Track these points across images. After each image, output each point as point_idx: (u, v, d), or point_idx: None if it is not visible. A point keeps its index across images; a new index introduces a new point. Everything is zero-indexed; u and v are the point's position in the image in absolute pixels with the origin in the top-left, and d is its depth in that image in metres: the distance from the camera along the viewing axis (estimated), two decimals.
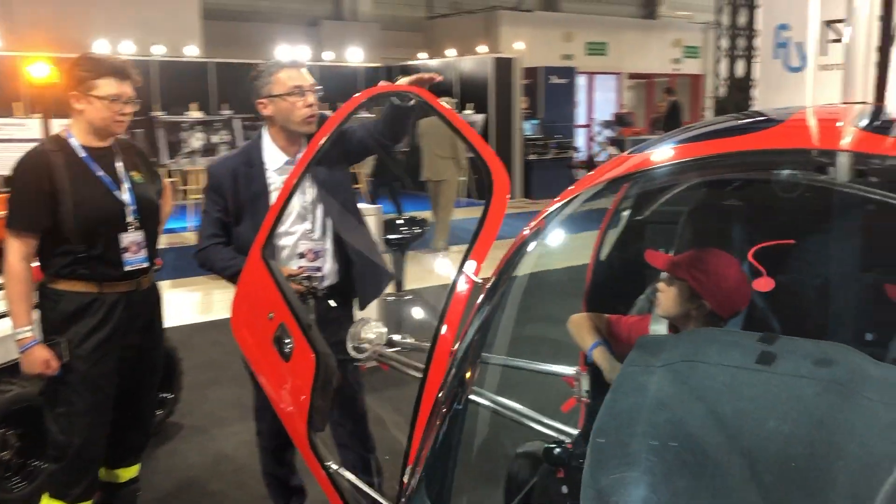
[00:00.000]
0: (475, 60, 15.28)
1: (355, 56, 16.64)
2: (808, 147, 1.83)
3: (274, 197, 2.97)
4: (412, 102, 2.76)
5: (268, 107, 2.97)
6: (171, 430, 4.66)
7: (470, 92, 15.02)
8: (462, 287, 2.10)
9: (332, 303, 3.03)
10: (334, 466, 2.18)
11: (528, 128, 14.69)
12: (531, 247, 2.06)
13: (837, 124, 1.99)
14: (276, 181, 3.00)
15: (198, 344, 6.32)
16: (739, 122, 2.24)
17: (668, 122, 16.97)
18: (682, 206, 2.74)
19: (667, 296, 2.31)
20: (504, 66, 14.55)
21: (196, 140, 11.92)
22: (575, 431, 3.02)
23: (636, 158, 2.02)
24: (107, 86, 3.00)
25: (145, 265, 3.18)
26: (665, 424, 1.41)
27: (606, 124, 17.40)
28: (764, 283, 1.63)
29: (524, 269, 2.11)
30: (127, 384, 3.21)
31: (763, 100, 9.89)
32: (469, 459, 2.22)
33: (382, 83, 2.68)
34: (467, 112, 14.64)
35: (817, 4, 8.98)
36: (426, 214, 10.53)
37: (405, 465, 1.99)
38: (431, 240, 9.73)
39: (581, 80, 19.61)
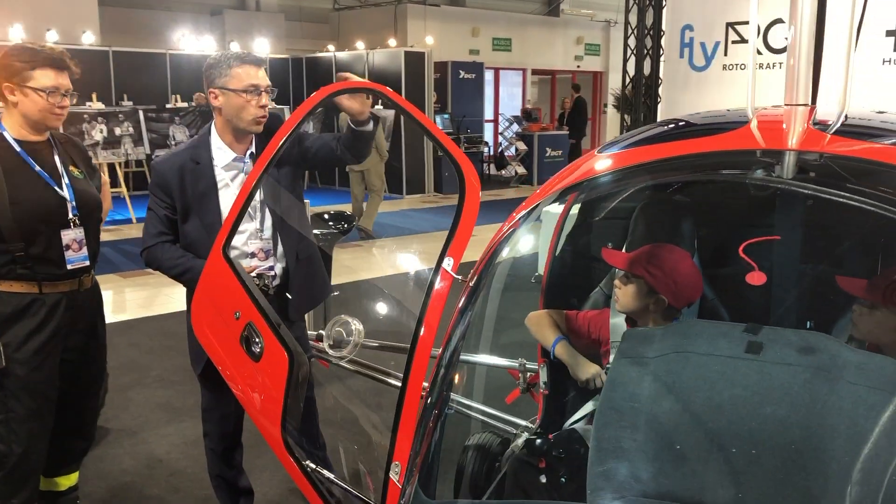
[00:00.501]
0: (386, 54, 15.24)
1: (261, 47, 16.31)
2: (786, 149, 1.95)
3: (223, 194, 2.93)
4: (370, 127, 2.82)
5: (219, 98, 2.87)
6: (99, 434, 4.46)
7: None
8: (440, 284, 2.12)
9: (288, 295, 3.00)
10: (312, 465, 2.17)
11: (438, 122, 14.77)
12: (512, 245, 2.10)
13: (802, 126, 2.11)
14: (224, 178, 2.94)
15: (116, 345, 6.09)
16: (711, 120, 2.34)
17: (573, 118, 17.42)
18: (631, 202, 2.84)
19: (625, 292, 2.41)
20: (415, 60, 14.57)
21: (98, 132, 11.43)
22: (522, 422, 3.11)
23: (617, 157, 2.09)
24: (44, 77, 2.88)
25: (87, 263, 3.06)
26: (668, 413, 1.49)
27: (514, 119, 17.66)
28: (756, 277, 1.73)
29: (503, 267, 2.15)
30: (69, 388, 3.09)
31: (668, 98, 10.27)
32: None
33: (346, 75, 2.64)
34: (378, 107, 14.58)
35: (721, 6, 9.41)
36: (345, 207, 10.58)
37: (389, 464, 2.01)
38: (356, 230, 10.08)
39: (488, 76, 19.83)
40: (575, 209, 2.98)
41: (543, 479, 2.10)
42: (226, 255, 2.51)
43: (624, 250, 2.71)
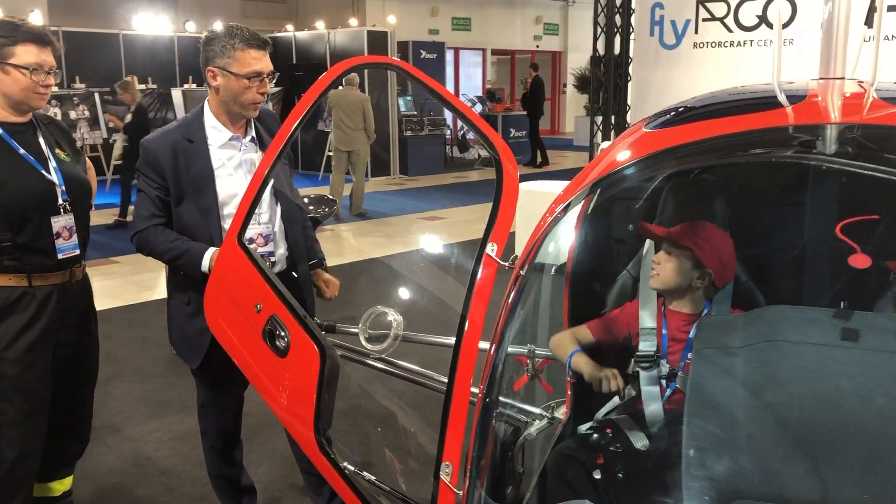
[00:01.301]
0: (347, 34, 14.94)
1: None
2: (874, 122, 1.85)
3: (219, 175, 2.76)
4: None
5: (217, 78, 2.70)
6: None
7: None
8: (484, 271, 1.99)
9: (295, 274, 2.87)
10: (351, 468, 2.03)
11: (402, 104, 14.56)
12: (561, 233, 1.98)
13: (868, 98, 2.02)
14: (220, 158, 2.77)
15: None
16: (761, 96, 2.24)
17: (531, 97, 17.32)
18: (655, 182, 2.74)
19: (666, 268, 2.31)
20: (378, 40, 14.31)
21: (52, 115, 11.00)
22: (535, 409, 2.99)
23: (673, 133, 1.97)
24: (26, 54, 2.67)
25: (78, 252, 2.86)
26: (770, 407, 1.39)
27: (477, 100, 17.52)
28: (861, 260, 1.64)
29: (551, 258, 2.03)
30: (62, 387, 2.89)
31: (638, 76, 10.22)
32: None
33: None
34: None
35: None
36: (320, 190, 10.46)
37: (438, 465, 1.89)
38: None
39: (448, 56, 19.64)
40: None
41: (598, 476, 2.00)
42: (241, 243, 2.36)
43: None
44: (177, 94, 12.09)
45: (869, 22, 2.79)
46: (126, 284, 7.28)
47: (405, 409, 3.74)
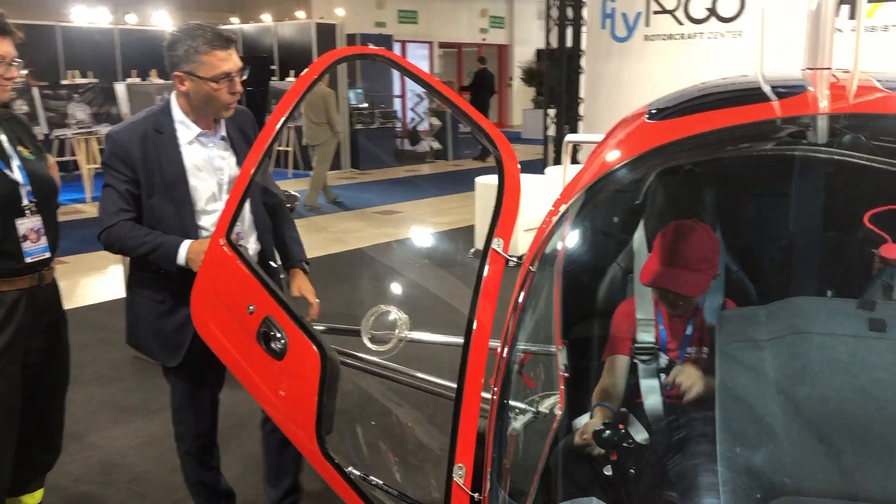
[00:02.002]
0: (295, 26, 14.71)
1: (161, 20, 15.46)
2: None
3: (189, 170, 2.69)
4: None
5: (185, 83, 2.60)
6: None
7: (290, 59, 14.47)
8: (491, 267, 1.94)
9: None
10: (357, 472, 1.97)
11: (352, 97, 14.40)
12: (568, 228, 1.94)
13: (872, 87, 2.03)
14: (188, 153, 2.70)
15: None
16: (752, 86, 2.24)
17: (477, 90, 17.30)
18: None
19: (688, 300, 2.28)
20: (326, 33, 14.14)
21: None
22: (517, 404, 2.95)
23: (684, 123, 1.95)
24: None
25: (47, 255, 2.73)
26: (806, 400, 1.37)
27: (427, 94, 17.42)
28: (892, 250, 1.64)
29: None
30: (33, 396, 2.75)
31: (591, 69, 10.29)
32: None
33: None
34: (290, 80, 14.10)
35: None
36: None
37: (450, 467, 1.84)
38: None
39: (395, 49, 19.50)
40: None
41: (608, 472, 1.97)
42: (231, 243, 2.27)
43: (642, 225, 2.58)
44: (120, 88, 11.72)
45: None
46: (74, 286, 7.04)
47: (408, 408, 3.68)
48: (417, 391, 2.78)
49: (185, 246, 2.59)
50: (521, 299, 1.86)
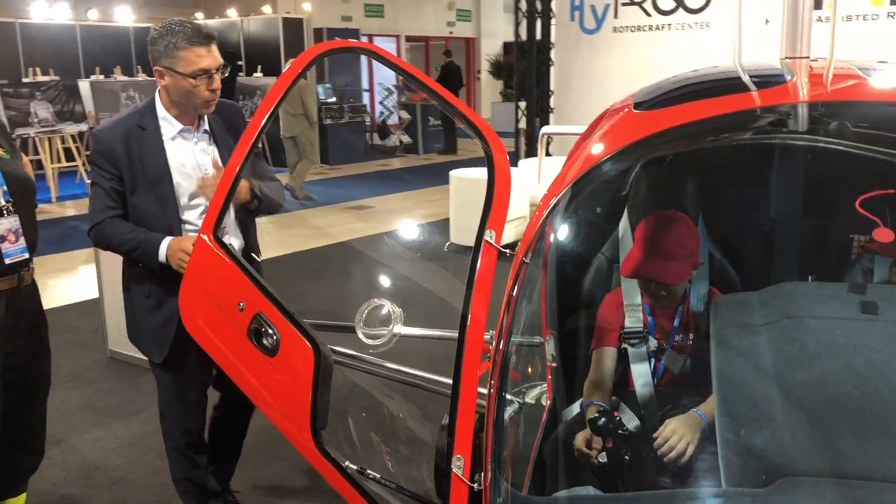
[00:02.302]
0: (262, 21, 14.58)
1: (124, 16, 15.22)
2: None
3: (172, 166, 2.71)
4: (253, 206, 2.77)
5: (165, 77, 2.65)
6: None
7: (257, 54, 14.34)
8: (484, 259, 1.95)
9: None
10: (353, 466, 1.97)
11: (321, 92, 14.31)
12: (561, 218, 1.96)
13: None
14: (172, 148, 2.72)
15: None
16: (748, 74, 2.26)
17: (445, 83, 17.30)
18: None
19: (672, 290, 2.31)
20: (293, 28, 14.05)
21: None
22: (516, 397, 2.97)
23: (673, 114, 1.96)
24: None
25: (26, 256, 2.69)
26: (804, 383, 1.40)
27: (396, 88, 17.40)
28: (884, 234, 1.67)
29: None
30: (14, 398, 2.71)
31: (560, 61, 10.33)
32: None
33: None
34: (257, 75, 13.99)
35: None
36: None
37: (449, 458, 1.86)
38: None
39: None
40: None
41: (603, 459, 1.99)
42: (218, 239, 2.25)
43: (625, 215, 2.59)
44: (84, 86, 11.54)
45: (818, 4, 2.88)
46: (43, 287, 6.85)
47: (398, 400, 3.68)
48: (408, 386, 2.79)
49: (165, 243, 2.62)
50: (515, 291, 1.87)
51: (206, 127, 2.79)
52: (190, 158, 2.75)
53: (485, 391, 3.06)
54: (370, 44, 2.44)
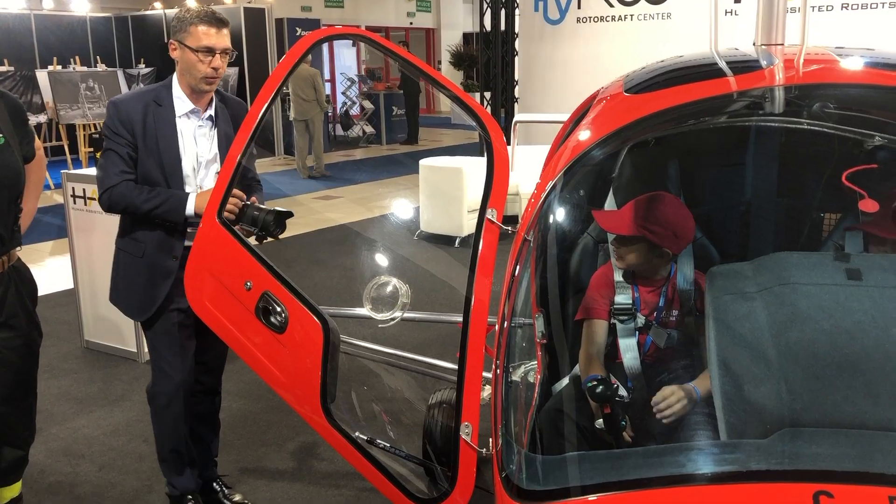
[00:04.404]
0: (223, 11, 14.35)
1: (80, 6, 14.93)
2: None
3: (182, 141, 2.90)
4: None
5: (177, 50, 2.87)
6: None
7: None
8: (487, 236, 2.04)
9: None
10: (364, 437, 2.05)
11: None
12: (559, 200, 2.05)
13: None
14: (182, 126, 2.92)
15: None
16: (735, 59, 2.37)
17: (405, 73, 17.35)
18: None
19: (627, 255, 2.41)
20: (255, 17, 13.92)
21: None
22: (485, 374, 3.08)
23: (661, 97, 2.07)
24: None
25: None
26: (798, 342, 1.51)
27: (358, 78, 17.37)
28: (870, 205, 1.78)
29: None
30: (8, 385, 2.72)
31: (524, 51, 10.46)
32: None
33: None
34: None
35: None
36: None
37: (457, 426, 1.94)
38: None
39: None
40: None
41: (600, 424, 2.09)
42: (223, 221, 2.31)
43: (610, 195, 2.71)
44: (42, 76, 11.33)
45: None
46: None
47: (397, 378, 3.76)
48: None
49: (193, 196, 2.80)
50: (517, 270, 1.96)
51: (212, 113, 2.97)
52: (190, 137, 2.93)
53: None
54: (368, 31, 2.51)
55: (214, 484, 3.36)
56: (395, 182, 11.60)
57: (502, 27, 10.66)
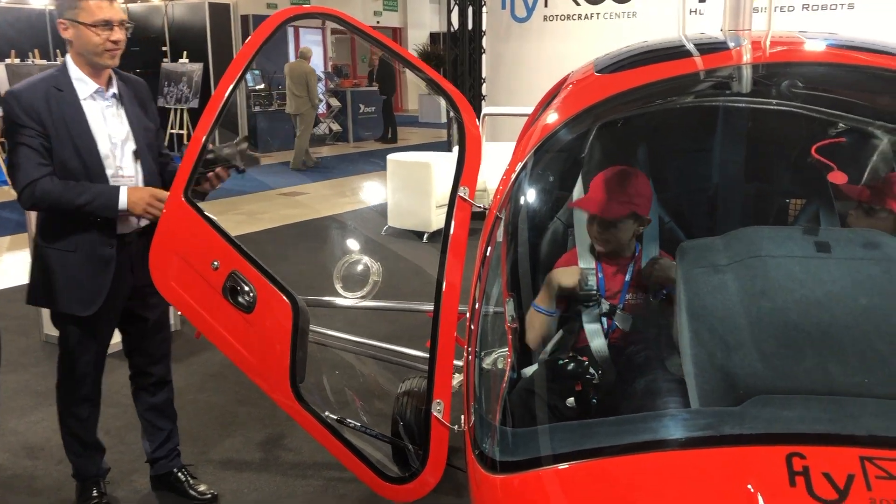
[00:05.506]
0: (187, 6, 14.24)
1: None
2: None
3: (93, 124, 2.78)
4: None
5: (69, 30, 2.73)
6: None
7: (183, 40, 14.02)
8: (459, 213, 2.03)
9: None
10: (334, 416, 2.03)
11: (250, 78, 14.10)
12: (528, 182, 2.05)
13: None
14: (88, 107, 2.80)
15: None
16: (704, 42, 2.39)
17: (383, 74, 17.34)
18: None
19: (616, 235, 2.41)
20: (220, 13, 13.77)
21: None
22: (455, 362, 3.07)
23: (630, 77, 2.08)
24: None
25: None
26: (770, 312, 1.53)
27: (325, 76, 17.27)
28: (839, 177, 1.80)
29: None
30: None
31: (492, 49, 10.48)
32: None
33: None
34: (183, 61, 13.69)
35: None
36: None
37: (429, 403, 1.93)
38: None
39: (288, 33, 19.20)
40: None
41: (571, 403, 2.09)
42: (189, 200, 2.27)
43: (580, 178, 2.71)
44: (0, 69, 11.09)
45: None
46: None
47: (363, 362, 3.72)
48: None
49: (124, 191, 2.70)
50: (489, 251, 1.95)
51: (116, 91, 2.86)
52: (100, 119, 2.81)
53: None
54: (335, 10, 2.47)
55: (179, 474, 3.30)
56: (362, 179, 11.56)
57: (469, 25, 10.66)
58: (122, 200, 2.68)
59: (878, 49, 2.17)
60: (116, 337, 3.09)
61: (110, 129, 2.81)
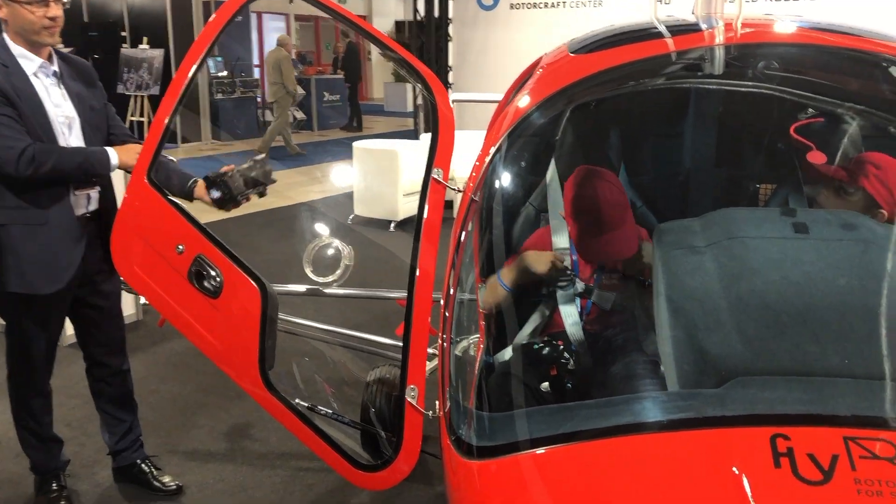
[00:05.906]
0: None
1: None
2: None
3: (45, 99, 2.71)
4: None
5: (2, 8, 2.66)
6: None
7: (144, 25, 13.74)
8: (433, 195, 1.99)
9: None
10: (304, 404, 1.98)
11: (212, 65, 13.87)
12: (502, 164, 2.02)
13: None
14: (37, 85, 2.72)
15: None
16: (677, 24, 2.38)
17: (348, 63, 17.21)
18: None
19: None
20: (182, 1, 13.52)
21: None
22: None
23: (602, 58, 2.05)
24: None
25: None
26: (748, 294, 1.51)
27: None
28: (818, 156, 1.79)
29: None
30: None
31: (458, 37, 10.42)
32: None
33: None
34: (143, 46, 13.40)
35: None
36: None
37: (403, 389, 1.89)
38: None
39: (251, 21, 18.95)
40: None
41: (545, 387, 2.07)
42: (153, 181, 2.19)
43: (552, 164, 2.68)
44: None
45: None
46: None
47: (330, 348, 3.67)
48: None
49: (113, 150, 2.70)
50: (463, 236, 1.92)
51: (56, 69, 2.78)
52: (46, 95, 2.73)
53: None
54: None
55: (143, 465, 3.23)
56: (327, 168, 11.44)
57: (436, 13, 10.58)
58: (114, 157, 2.68)
59: (847, 31, 2.18)
60: (71, 329, 3.02)
61: (56, 105, 2.75)
